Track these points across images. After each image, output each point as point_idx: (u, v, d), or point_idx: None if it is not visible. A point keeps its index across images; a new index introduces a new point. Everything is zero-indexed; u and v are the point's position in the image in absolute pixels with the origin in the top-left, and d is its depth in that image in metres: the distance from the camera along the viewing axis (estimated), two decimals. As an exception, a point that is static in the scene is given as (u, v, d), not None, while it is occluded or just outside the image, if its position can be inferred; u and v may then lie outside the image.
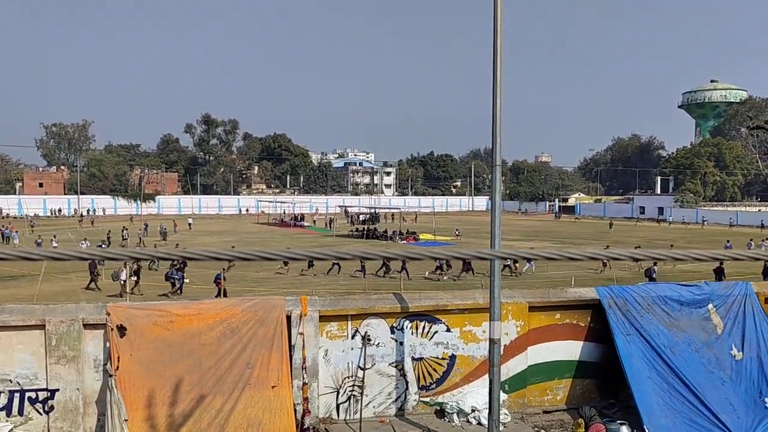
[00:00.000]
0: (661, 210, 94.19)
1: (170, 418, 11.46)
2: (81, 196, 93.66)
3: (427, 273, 32.38)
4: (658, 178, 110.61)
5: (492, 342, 12.03)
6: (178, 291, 25.71)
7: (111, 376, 11.33)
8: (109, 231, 50.38)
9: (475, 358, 13.65)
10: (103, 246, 41.66)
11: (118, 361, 11.39)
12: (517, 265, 32.04)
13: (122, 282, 25.79)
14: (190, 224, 67.71)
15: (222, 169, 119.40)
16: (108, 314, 11.55)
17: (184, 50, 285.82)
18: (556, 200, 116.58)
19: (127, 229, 52.57)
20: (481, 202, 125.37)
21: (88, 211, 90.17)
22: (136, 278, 26.63)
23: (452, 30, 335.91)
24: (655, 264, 28.28)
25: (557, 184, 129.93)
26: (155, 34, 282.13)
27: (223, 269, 25.27)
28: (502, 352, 12.63)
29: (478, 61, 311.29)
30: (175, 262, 25.10)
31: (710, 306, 14.21)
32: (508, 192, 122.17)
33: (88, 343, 11.75)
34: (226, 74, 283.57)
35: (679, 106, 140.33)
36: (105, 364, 11.69)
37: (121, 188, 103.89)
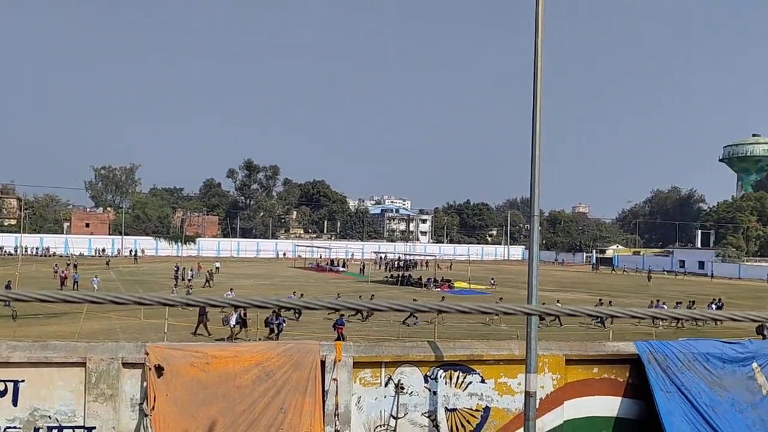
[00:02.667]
0: (702, 264, 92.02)
1: (202, 461, 11.49)
2: (124, 237, 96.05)
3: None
4: (699, 231, 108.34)
5: (528, 395, 11.85)
6: (275, 336, 25.71)
7: (147, 416, 11.47)
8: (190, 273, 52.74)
9: (510, 411, 13.41)
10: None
11: (155, 401, 11.53)
12: None
13: (231, 326, 26.17)
14: (217, 267, 61.71)
15: (261, 214, 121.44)
16: (147, 353, 11.77)
17: (227, 98, 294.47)
18: (594, 251, 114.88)
19: (193, 270, 54.27)
20: (516, 252, 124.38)
21: (131, 251, 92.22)
22: (242, 324, 26.71)
23: (491, 78, 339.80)
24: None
25: (595, 235, 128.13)
26: (201, 83, 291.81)
27: (342, 314, 25.59)
28: (537, 406, 12.42)
29: (516, 108, 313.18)
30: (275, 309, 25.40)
31: (755, 365, 13.76)
32: (544, 242, 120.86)
33: (126, 382, 11.95)
34: (268, 121, 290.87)
35: (720, 160, 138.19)
36: (141, 404, 11.85)
37: (163, 230, 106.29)
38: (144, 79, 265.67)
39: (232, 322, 26.19)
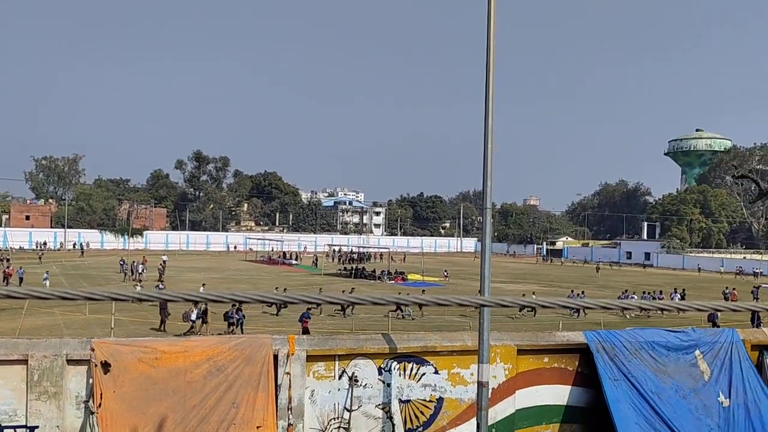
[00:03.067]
0: (647, 255, 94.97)
1: (152, 458, 11.23)
2: (68, 230, 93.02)
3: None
4: (645, 223, 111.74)
5: (480, 385, 11.97)
6: (238, 329, 24.99)
7: (93, 413, 11.13)
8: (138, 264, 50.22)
9: (463, 401, 13.54)
10: (160, 286, 40.16)
11: (101, 398, 11.20)
12: None
13: (192, 322, 25.46)
14: (164, 261, 56.74)
15: (211, 206, 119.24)
16: (92, 350, 11.41)
17: (176, 86, 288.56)
18: (544, 243, 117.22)
19: (143, 264, 52.04)
20: (469, 244, 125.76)
21: (74, 244, 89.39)
22: (203, 319, 25.91)
23: (444, 73, 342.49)
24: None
25: (545, 228, 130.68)
26: (149, 70, 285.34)
27: (309, 308, 24.54)
28: (489, 396, 12.56)
29: (469, 103, 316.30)
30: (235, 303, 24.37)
31: (697, 352, 14.25)
32: (496, 234, 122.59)
33: (70, 380, 11.56)
34: (218, 111, 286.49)
35: (665, 154, 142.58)
36: (87, 401, 11.49)
37: (109, 223, 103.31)
38: (87, 66, 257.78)
39: (193, 317, 25.67)
